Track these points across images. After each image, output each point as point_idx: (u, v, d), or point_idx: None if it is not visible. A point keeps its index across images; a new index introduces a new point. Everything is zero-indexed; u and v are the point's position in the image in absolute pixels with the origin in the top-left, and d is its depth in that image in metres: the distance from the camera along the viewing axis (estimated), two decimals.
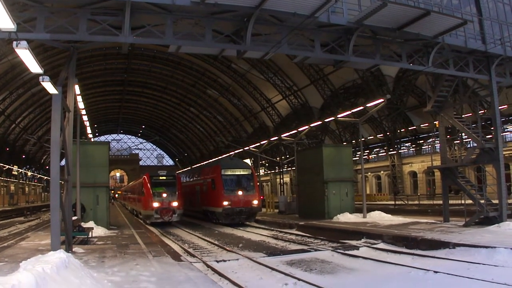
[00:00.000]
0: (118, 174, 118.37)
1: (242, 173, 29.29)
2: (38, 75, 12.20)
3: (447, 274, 11.08)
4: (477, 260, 12.61)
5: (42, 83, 12.40)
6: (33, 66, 11.41)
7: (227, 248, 17.45)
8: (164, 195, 28.83)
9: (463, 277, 10.68)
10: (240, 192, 27.86)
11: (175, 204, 28.86)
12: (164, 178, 30.44)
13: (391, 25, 16.41)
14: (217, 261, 14.59)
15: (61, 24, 13.62)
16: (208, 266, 13.69)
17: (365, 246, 16.97)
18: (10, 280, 5.58)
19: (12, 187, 68.83)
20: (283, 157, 61.95)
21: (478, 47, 19.26)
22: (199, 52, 30.62)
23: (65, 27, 13.66)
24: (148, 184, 29.31)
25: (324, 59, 19.16)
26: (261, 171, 72.30)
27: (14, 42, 10.03)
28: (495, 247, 13.34)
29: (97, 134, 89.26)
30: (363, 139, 37.55)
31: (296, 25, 15.20)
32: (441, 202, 25.18)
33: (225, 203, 27.28)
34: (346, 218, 25.52)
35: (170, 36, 14.72)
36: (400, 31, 16.69)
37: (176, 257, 14.01)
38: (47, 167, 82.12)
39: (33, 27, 13.55)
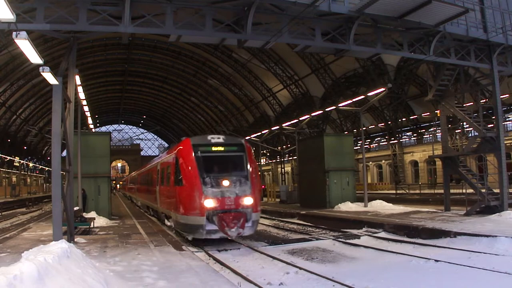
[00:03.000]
0: (119, 165, 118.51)
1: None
2: (39, 65, 12.19)
3: (448, 263, 11.12)
4: (478, 249, 12.65)
5: (42, 73, 12.40)
6: (33, 56, 11.38)
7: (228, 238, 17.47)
8: (226, 183, 15.16)
9: (464, 265, 10.72)
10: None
11: (247, 201, 15.09)
12: (222, 148, 16.52)
13: (392, 14, 16.30)
14: (219, 251, 14.67)
15: (61, 15, 13.55)
16: (209, 255, 13.76)
17: (366, 235, 17.02)
18: (12, 270, 5.60)
19: (14, 178, 68.94)
20: (284, 146, 61.96)
21: (479, 36, 19.15)
22: (199, 41, 30.52)
23: (65, 18, 13.60)
24: (191, 161, 15.51)
25: (325, 48, 19.05)
26: (262, 161, 72.36)
27: (14, 33, 10.00)
28: (496, 236, 13.37)
29: (98, 124, 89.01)
30: (364, 128, 37.40)
31: (296, 14, 15.11)
32: (442, 191, 25.22)
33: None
34: (348, 207, 25.57)
35: (170, 25, 14.65)
36: (401, 20, 16.59)
37: (177, 246, 14.07)
38: (49, 158, 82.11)
39: (33, 17, 13.48)
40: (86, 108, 27.35)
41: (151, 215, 26.74)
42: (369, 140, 59.57)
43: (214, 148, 16.24)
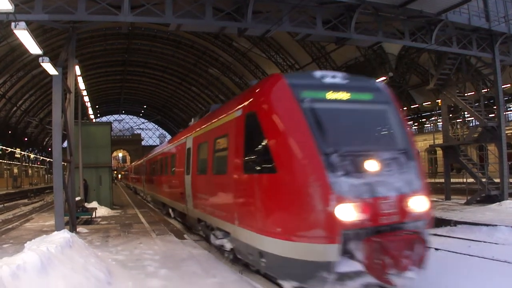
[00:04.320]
0: (120, 155, 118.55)
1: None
2: (38, 56, 12.15)
3: (448, 251, 11.17)
4: (478, 238, 12.70)
5: (42, 64, 12.37)
6: (33, 47, 11.35)
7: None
8: (373, 166, 7.35)
9: (464, 254, 10.77)
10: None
11: (420, 205, 7.44)
12: (348, 96, 8.25)
13: (393, 2, 16.22)
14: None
15: (59, 5, 13.50)
16: (211, 244, 13.79)
17: None
18: (15, 260, 5.64)
19: (16, 170, 69.10)
20: None
21: (481, 25, 19.06)
22: (199, 30, 30.40)
23: (64, 8, 13.54)
24: (296, 120, 7.53)
25: (326, 36, 18.96)
26: None
27: (13, 24, 9.95)
28: (496, 225, 13.42)
29: (98, 115, 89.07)
30: None
31: (297, 2, 15.04)
32: (442, 180, 25.25)
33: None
34: None
35: (170, 14, 14.60)
36: (403, 8, 16.49)
37: (179, 235, 14.12)
38: (50, 149, 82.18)
39: (32, 8, 13.43)
40: (86, 99, 27.35)
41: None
42: None
43: (332, 95, 8.11)
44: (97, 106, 75.78)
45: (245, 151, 8.51)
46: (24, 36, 10.59)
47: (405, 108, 50.20)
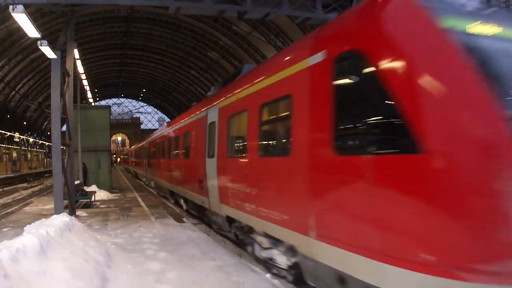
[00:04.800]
0: (119, 138, 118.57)
1: None
2: (37, 39, 12.09)
3: None
4: None
5: (40, 47, 12.34)
6: (31, 30, 11.30)
7: None
8: None
9: None
10: None
11: None
12: None
13: None
14: None
15: None
16: (210, 227, 13.88)
17: None
18: (15, 244, 5.66)
19: (15, 154, 69.13)
20: None
21: None
22: (198, 13, 30.16)
23: None
24: (461, 66, 4.31)
25: (325, 20, 18.85)
26: None
27: (11, 7, 9.89)
28: None
29: (97, 98, 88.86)
30: None
31: None
32: None
33: None
34: None
35: None
36: None
37: (178, 218, 14.20)
38: (49, 133, 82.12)
39: None
40: (85, 82, 27.26)
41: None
42: None
43: (497, 30, 4.94)
44: (96, 90, 75.58)
45: (336, 119, 5.32)
46: (22, 20, 10.53)
47: None
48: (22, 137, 69.05)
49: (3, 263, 4.91)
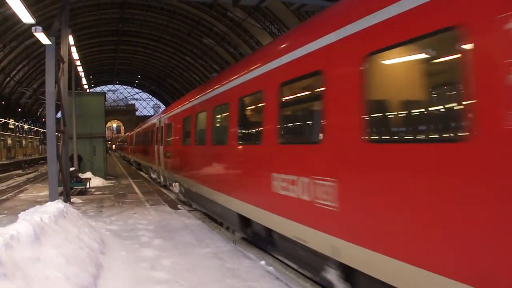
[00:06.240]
0: (114, 125, 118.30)
1: None
2: (31, 25, 11.98)
3: None
4: None
5: (35, 33, 12.23)
6: (25, 16, 11.17)
7: None
8: None
9: None
10: None
11: None
12: None
13: None
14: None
15: None
16: (205, 214, 13.91)
17: None
18: (9, 230, 5.66)
19: (9, 141, 68.91)
20: None
21: None
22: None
23: None
24: None
25: (322, 6, 18.75)
26: None
27: None
28: None
29: (92, 85, 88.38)
30: None
31: None
32: None
33: None
34: None
35: None
36: None
37: (173, 205, 14.24)
38: (43, 119, 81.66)
39: None
40: (80, 69, 27.09)
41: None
42: None
43: None
44: (91, 76, 75.18)
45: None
46: (17, 5, 10.41)
47: None
48: (16, 123, 68.76)
49: None
